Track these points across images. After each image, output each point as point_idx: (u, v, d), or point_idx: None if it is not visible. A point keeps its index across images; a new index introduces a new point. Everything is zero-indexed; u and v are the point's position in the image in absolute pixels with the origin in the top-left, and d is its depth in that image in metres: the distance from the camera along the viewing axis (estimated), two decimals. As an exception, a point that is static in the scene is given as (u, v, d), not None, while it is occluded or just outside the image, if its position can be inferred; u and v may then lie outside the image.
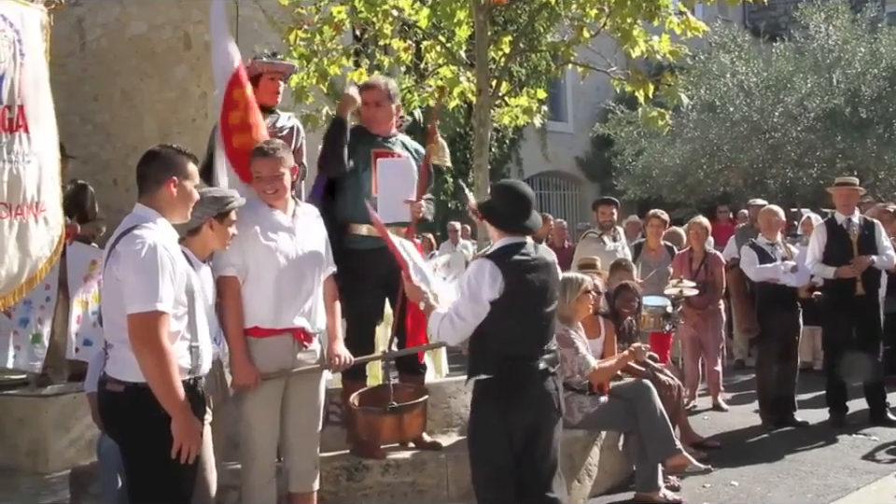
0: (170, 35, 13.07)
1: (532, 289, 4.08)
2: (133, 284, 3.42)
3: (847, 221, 7.85)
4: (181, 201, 3.69)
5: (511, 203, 4.16)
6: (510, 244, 4.12)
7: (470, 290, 4.01)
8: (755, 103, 15.75)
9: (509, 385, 4.05)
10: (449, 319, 4.07)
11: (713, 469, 6.37)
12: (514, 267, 4.04)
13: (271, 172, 4.42)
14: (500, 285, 3.97)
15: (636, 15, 7.40)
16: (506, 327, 4.04)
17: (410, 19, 8.03)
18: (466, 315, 4.03)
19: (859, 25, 16.12)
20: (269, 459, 4.45)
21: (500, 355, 4.04)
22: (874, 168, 15.20)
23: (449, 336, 4.14)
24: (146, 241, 3.45)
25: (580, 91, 19.09)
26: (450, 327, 4.07)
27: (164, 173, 3.65)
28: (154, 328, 3.38)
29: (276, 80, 5.54)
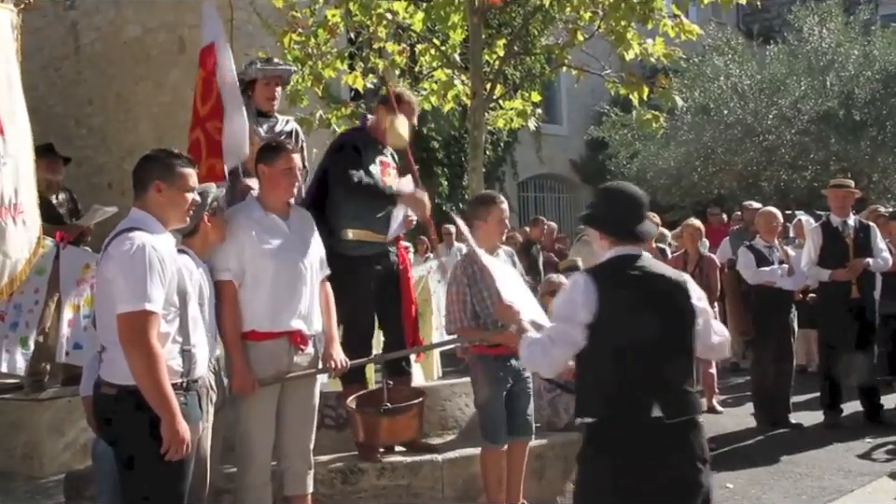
0: (164, 39, 13.07)
1: (643, 314, 3.25)
2: (121, 284, 3.43)
3: (843, 224, 7.87)
4: (171, 205, 3.67)
5: (619, 206, 3.50)
6: (617, 255, 3.41)
7: (563, 310, 3.34)
8: (749, 105, 15.77)
9: (619, 435, 3.23)
10: (540, 346, 3.37)
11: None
12: (618, 284, 3.31)
13: (289, 166, 4.46)
14: (595, 305, 3.24)
15: (630, 18, 7.43)
16: (607, 359, 3.25)
17: (404, 22, 8.05)
18: (558, 340, 3.31)
19: (852, 28, 16.15)
20: (264, 462, 4.44)
21: (602, 394, 3.28)
22: (867, 170, 15.23)
23: (540, 364, 3.46)
24: (134, 241, 3.46)
25: (574, 94, 19.14)
26: (541, 354, 3.36)
27: (149, 175, 3.66)
28: (142, 327, 3.38)
29: (272, 85, 5.56)
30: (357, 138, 5.37)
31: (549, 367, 3.47)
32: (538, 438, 5.58)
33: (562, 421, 5.96)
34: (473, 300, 5.01)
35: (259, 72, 5.51)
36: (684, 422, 3.26)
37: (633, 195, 3.53)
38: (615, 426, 3.23)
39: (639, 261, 3.40)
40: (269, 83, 5.55)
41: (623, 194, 3.55)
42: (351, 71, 8.54)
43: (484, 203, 5.16)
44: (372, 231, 5.24)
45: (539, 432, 5.70)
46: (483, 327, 5.03)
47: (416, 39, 8.57)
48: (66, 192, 7.51)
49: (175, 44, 12.94)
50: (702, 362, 8.72)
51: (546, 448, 5.70)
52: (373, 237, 5.24)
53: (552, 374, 3.59)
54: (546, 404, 5.97)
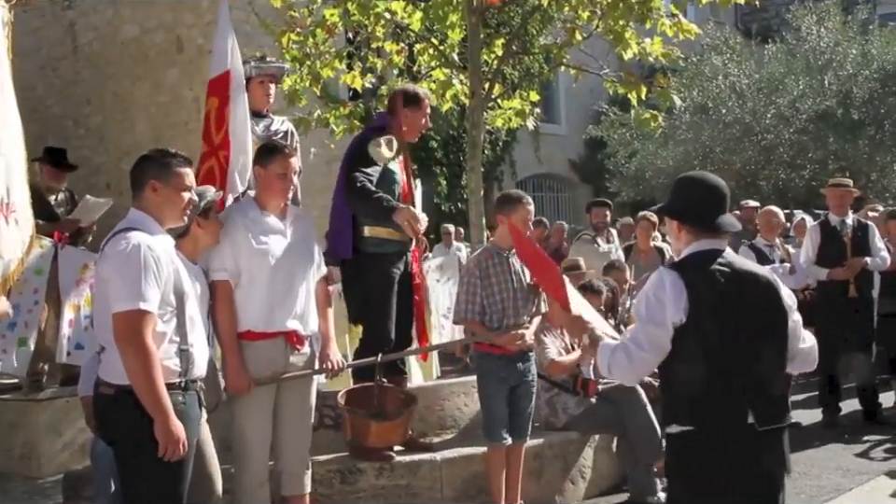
0: (162, 39, 13.06)
1: (734, 313, 3.06)
2: (116, 283, 3.43)
3: (841, 223, 7.87)
4: (167, 204, 3.67)
5: (701, 196, 3.26)
6: (701, 250, 3.17)
7: (649, 311, 3.08)
8: (747, 104, 15.79)
9: (710, 444, 3.04)
10: (624, 351, 3.11)
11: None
12: (706, 281, 3.07)
13: (286, 169, 4.45)
14: (685, 304, 3.02)
15: (628, 17, 7.42)
16: (696, 364, 3.03)
17: (402, 21, 8.03)
18: (645, 343, 3.07)
19: (850, 27, 16.17)
20: (262, 462, 4.44)
21: (690, 400, 3.06)
22: (865, 169, 15.25)
23: (625, 372, 3.16)
24: (130, 241, 3.46)
25: (573, 94, 19.13)
26: (626, 360, 3.09)
27: (144, 175, 3.66)
28: (137, 327, 3.37)
29: (266, 84, 5.57)
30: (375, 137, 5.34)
31: (635, 374, 3.20)
32: (536, 437, 5.60)
33: (560, 421, 5.97)
34: (483, 293, 5.04)
35: (253, 70, 5.51)
36: (776, 429, 3.09)
37: (715, 184, 3.31)
38: (706, 435, 3.02)
39: (725, 256, 3.17)
40: (263, 81, 5.57)
41: (705, 184, 3.32)
42: (349, 71, 8.52)
43: (510, 201, 5.21)
44: (394, 230, 5.21)
45: (538, 432, 5.71)
46: (488, 323, 5.05)
47: (415, 39, 8.55)
48: (66, 192, 7.52)
49: (173, 44, 12.94)
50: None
51: (544, 447, 5.71)
52: (392, 235, 5.22)
53: (636, 382, 3.34)
54: (544, 404, 5.97)
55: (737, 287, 3.09)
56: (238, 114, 5.16)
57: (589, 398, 6.02)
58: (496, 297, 5.05)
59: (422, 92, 5.52)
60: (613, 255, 8.81)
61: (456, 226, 12.98)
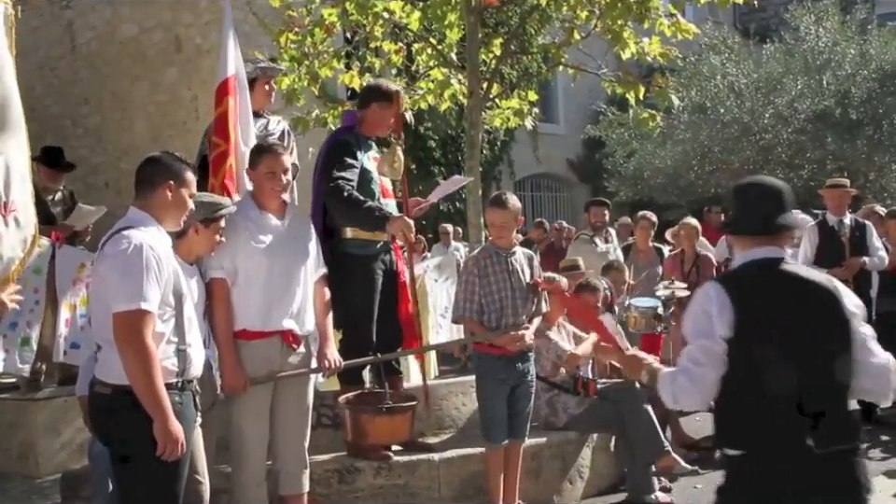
0: (161, 38, 13.07)
1: (788, 327, 2.82)
2: (117, 282, 3.42)
3: (839, 223, 7.88)
4: (175, 207, 3.68)
5: (751, 199, 3.04)
6: (753, 259, 2.96)
7: (697, 325, 2.90)
8: (746, 104, 15.78)
9: (765, 470, 2.81)
10: (685, 373, 2.89)
11: (705, 471, 6.37)
12: (757, 293, 2.88)
13: (277, 167, 4.45)
14: (732, 318, 2.82)
15: (626, 17, 7.43)
16: (749, 381, 2.81)
17: (401, 21, 8.04)
18: (701, 357, 2.86)
19: (849, 27, 16.16)
20: (259, 462, 4.44)
21: (741, 422, 2.85)
22: (864, 169, 15.24)
23: (691, 395, 2.90)
24: (132, 240, 3.45)
25: (571, 93, 19.11)
26: (687, 382, 2.87)
27: (161, 176, 3.66)
28: (138, 326, 3.37)
29: (271, 85, 5.66)
30: (350, 137, 5.33)
31: (701, 394, 2.89)
32: (535, 437, 5.60)
33: (560, 420, 5.97)
34: (481, 292, 5.04)
35: (258, 71, 5.55)
36: (843, 451, 2.83)
37: (767, 185, 3.09)
38: (760, 460, 2.80)
39: (781, 265, 2.93)
40: (267, 83, 5.63)
41: (755, 186, 3.11)
42: (347, 70, 8.53)
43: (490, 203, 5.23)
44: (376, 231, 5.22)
45: (536, 431, 5.71)
46: (487, 323, 5.05)
47: (413, 38, 8.56)
48: (65, 192, 7.52)
49: (172, 43, 12.94)
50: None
51: (543, 447, 5.71)
52: (376, 236, 5.23)
53: (704, 404, 2.94)
54: (544, 404, 5.97)
55: (791, 297, 2.87)
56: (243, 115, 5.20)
57: (590, 397, 6.02)
58: (494, 296, 5.06)
59: (394, 89, 5.45)
60: (612, 255, 8.83)
61: (455, 225, 12.98)
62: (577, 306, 5.52)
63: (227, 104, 5.14)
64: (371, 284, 5.21)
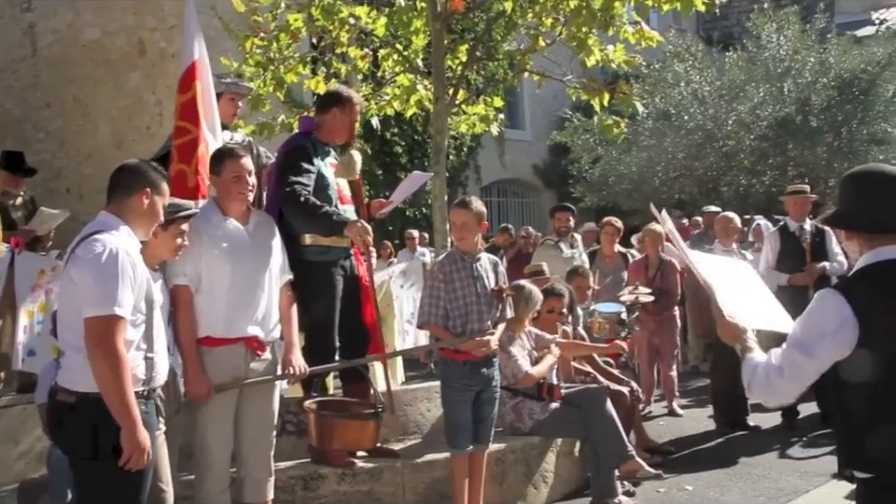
0: (124, 42, 12.96)
1: None
2: (91, 287, 3.36)
3: (800, 228, 7.99)
4: (148, 215, 3.65)
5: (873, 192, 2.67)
6: (880, 261, 2.63)
7: (804, 335, 2.62)
8: (709, 111, 15.96)
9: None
10: (765, 373, 2.71)
11: (668, 475, 6.43)
12: (885, 299, 2.55)
13: (247, 168, 4.42)
14: (853, 335, 2.51)
15: (591, 24, 7.49)
16: (874, 399, 2.54)
17: (367, 27, 8.05)
18: (787, 371, 2.64)
19: (808, 36, 16.40)
20: (223, 469, 4.40)
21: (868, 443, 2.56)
22: (824, 176, 15.47)
23: (761, 394, 2.77)
24: (107, 245, 3.40)
25: (537, 100, 19.22)
26: (765, 383, 2.71)
27: (138, 182, 3.62)
28: (110, 332, 3.32)
29: (236, 101, 5.72)
30: (307, 142, 5.27)
31: (772, 399, 2.76)
32: (498, 442, 5.61)
33: (525, 426, 5.99)
34: (446, 298, 5.04)
35: (224, 86, 5.61)
36: None
37: (890, 175, 2.69)
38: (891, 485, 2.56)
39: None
40: (234, 98, 5.67)
41: (876, 176, 2.71)
42: (313, 76, 8.51)
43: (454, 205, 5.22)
44: (336, 236, 5.21)
45: (500, 436, 5.72)
46: (452, 329, 5.05)
47: (379, 44, 8.57)
48: (26, 197, 7.44)
49: (135, 47, 12.84)
50: (662, 366, 8.85)
51: (507, 452, 5.72)
52: (336, 242, 5.21)
53: (773, 405, 2.84)
54: (509, 410, 5.99)
55: None
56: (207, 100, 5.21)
57: (554, 402, 6.05)
58: (459, 301, 5.05)
59: (349, 93, 5.44)
60: (577, 260, 8.88)
61: (421, 231, 12.99)
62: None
63: (195, 88, 5.14)
64: (332, 290, 5.18)
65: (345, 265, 5.32)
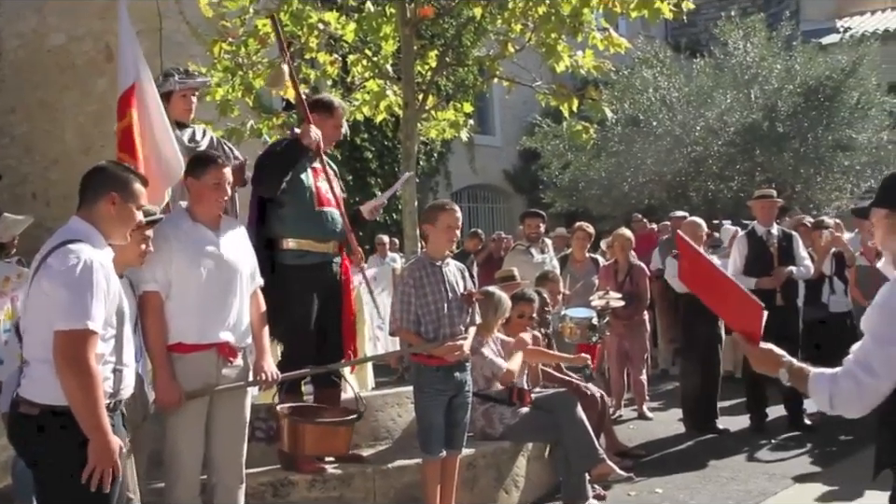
0: (90, 47, 12.84)
1: None
2: (63, 299, 3.27)
3: (767, 233, 8.08)
4: (119, 220, 3.54)
5: None
6: None
7: (885, 331, 2.56)
8: (677, 117, 16.07)
9: None
10: (851, 378, 2.59)
11: (639, 478, 6.47)
12: None
13: (220, 179, 4.40)
14: None
15: (560, 30, 7.54)
16: None
17: (336, 32, 8.04)
18: (880, 368, 2.55)
19: (775, 43, 16.56)
20: (194, 476, 4.37)
21: None
22: (791, 181, 15.62)
23: (852, 404, 2.62)
24: (81, 256, 3.31)
25: (507, 105, 19.26)
26: (854, 390, 2.58)
27: (105, 186, 3.52)
28: (82, 346, 3.25)
29: (189, 97, 5.66)
30: (286, 147, 5.36)
31: (863, 405, 2.62)
32: (469, 447, 5.62)
33: (496, 431, 6.00)
34: (418, 303, 5.04)
35: (176, 84, 5.55)
36: None
37: None
38: None
39: None
40: (186, 95, 5.63)
41: None
42: (282, 81, 8.47)
43: (433, 209, 5.26)
44: (313, 241, 5.23)
45: (471, 441, 5.73)
46: (424, 334, 5.05)
47: (348, 50, 8.57)
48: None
49: (102, 52, 12.71)
50: (632, 370, 8.90)
51: (477, 457, 5.73)
52: (314, 247, 5.22)
53: (863, 413, 2.65)
54: (480, 415, 6.00)
55: None
56: (155, 124, 5.10)
57: (525, 407, 6.06)
58: (430, 307, 5.07)
59: (336, 102, 5.57)
60: (547, 265, 8.91)
61: (391, 237, 12.97)
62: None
63: (131, 117, 5.03)
64: (308, 295, 5.19)
65: (330, 270, 5.32)
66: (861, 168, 15.92)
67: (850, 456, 6.95)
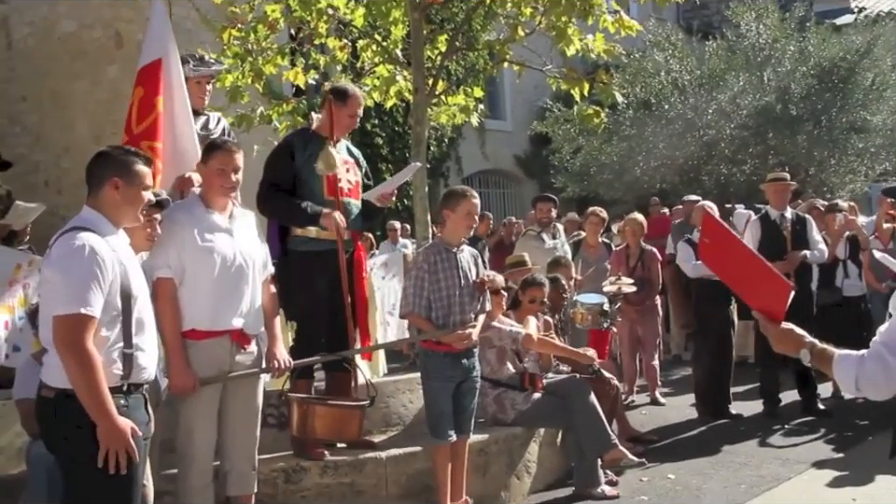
0: (101, 35, 12.83)
1: None
2: (60, 285, 3.33)
3: (781, 217, 8.02)
4: (126, 202, 3.55)
5: None
6: None
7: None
8: (689, 100, 15.98)
9: None
10: (878, 360, 2.55)
11: (651, 463, 6.46)
12: None
13: (228, 165, 4.39)
14: None
15: (570, 14, 7.48)
16: None
17: (345, 17, 8.01)
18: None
19: (788, 24, 16.44)
20: (207, 463, 4.38)
21: None
22: (804, 164, 15.53)
23: (879, 386, 2.58)
24: (76, 242, 3.35)
25: (518, 90, 19.19)
26: (880, 371, 2.54)
27: (107, 171, 3.54)
28: (79, 331, 3.28)
29: (203, 84, 5.67)
30: (297, 139, 5.38)
31: (891, 387, 2.58)
32: (481, 433, 5.62)
33: (508, 417, 5.99)
34: (430, 289, 5.04)
35: (192, 71, 5.56)
36: None
37: None
38: None
39: None
40: (200, 82, 5.62)
41: None
42: (292, 67, 8.47)
43: (454, 195, 5.27)
44: (320, 228, 5.22)
45: (483, 427, 5.73)
46: (434, 320, 5.04)
47: (358, 35, 8.52)
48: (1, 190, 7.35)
49: (112, 39, 12.71)
50: (644, 355, 8.88)
51: (489, 443, 5.73)
52: (323, 234, 5.22)
53: (889, 396, 2.61)
54: (492, 401, 5.99)
55: None
56: (176, 102, 5.14)
57: (537, 392, 6.05)
58: (442, 292, 5.06)
59: (350, 89, 5.51)
60: (559, 250, 8.87)
61: (402, 223, 12.96)
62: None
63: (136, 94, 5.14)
64: (315, 281, 5.19)
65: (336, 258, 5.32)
66: (876, 150, 15.81)
67: (864, 442, 6.92)
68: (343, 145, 5.54)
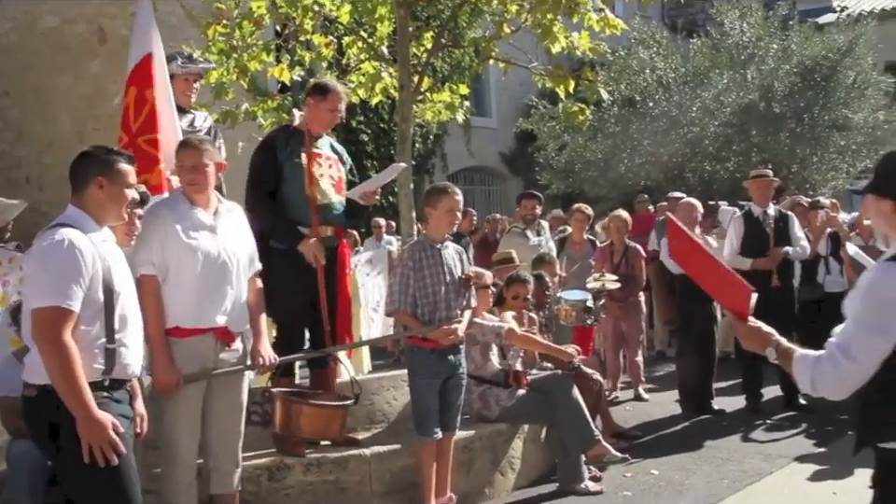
0: (84, 30, 12.77)
1: None
2: (38, 279, 3.34)
3: (763, 213, 8.07)
4: (111, 201, 3.57)
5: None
6: None
7: (869, 315, 2.56)
8: (673, 98, 16.03)
9: None
10: (832, 362, 2.59)
11: (635, 459, 6.49)
12: None
13: (194, 162, 4.35)
14: None
15: (555, 11, 7.50)
16: None
17: (331, 14, 8.00)
18: (860, 354, 2.55)
19: (771, 23, 16.51)
20: (191, 460, 4.37)
21: None
22: (787, 161, 15.60)
23: (833, 387, 2.62)
24: (56, 237, 3.36)
25: (503, 87, 19.22)
26: (833, 374, 2.59)
27: (91, 171, 3.55)
28: (57, 325, 3.28)
29: (191, 82, 5.67)
30: (279, 135, 5.38)
31: (845, 388, 2.61)
32: (466, 429, 5.63)
33: (493, 413, 6.00)
34: (416, 285, 5.04)
35: (180, 68, 5.54)
36: None
37: None
38: None
39: None
40: (188, 79, 5.59)
41: None
42: (277, 63, 8.45)
43: (436, 191, 5.26)
44: (304, 225, 5.22)
45: (467, 423, 5.74)
46: (420, 316, 5.05)
47: (343, 32, 8.53)
48: None
49: (95, 35, 12.65)
50: (628, 351, 8.92)
51: (473, 440, 5.74)
52: (304, 231, 5.22)
53: (845, 396, 2.63)
54: (476, 398, 6.00)
55: None
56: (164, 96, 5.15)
57: (521, 389, 6.07)
58: (428, 289, 5.07)
59: (330, 84, 5.50)
60: (543, 247, 8.90)
61: (387, 219, 12.96)
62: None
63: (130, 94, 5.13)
64: (296, 279, 5.18)
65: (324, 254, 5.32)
66: (858, 148, 15.91)
67: (845, 436, 6.96)
68: (327, 141, 5.54)
